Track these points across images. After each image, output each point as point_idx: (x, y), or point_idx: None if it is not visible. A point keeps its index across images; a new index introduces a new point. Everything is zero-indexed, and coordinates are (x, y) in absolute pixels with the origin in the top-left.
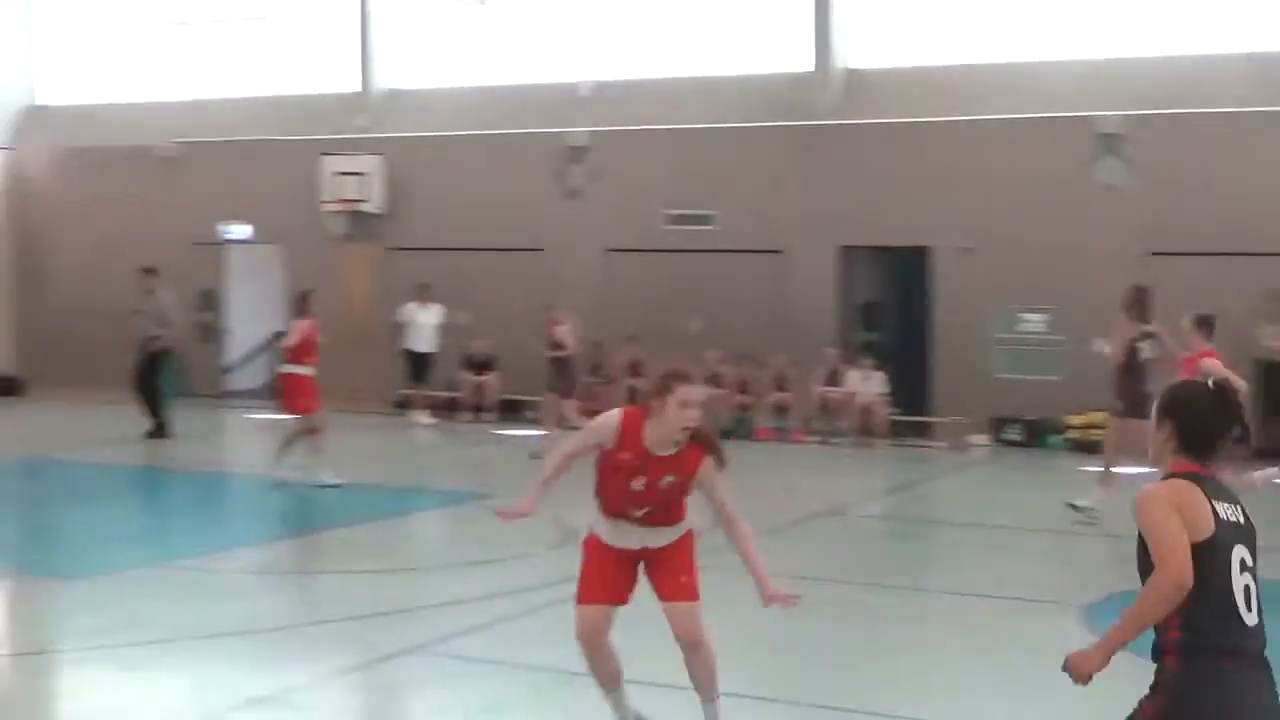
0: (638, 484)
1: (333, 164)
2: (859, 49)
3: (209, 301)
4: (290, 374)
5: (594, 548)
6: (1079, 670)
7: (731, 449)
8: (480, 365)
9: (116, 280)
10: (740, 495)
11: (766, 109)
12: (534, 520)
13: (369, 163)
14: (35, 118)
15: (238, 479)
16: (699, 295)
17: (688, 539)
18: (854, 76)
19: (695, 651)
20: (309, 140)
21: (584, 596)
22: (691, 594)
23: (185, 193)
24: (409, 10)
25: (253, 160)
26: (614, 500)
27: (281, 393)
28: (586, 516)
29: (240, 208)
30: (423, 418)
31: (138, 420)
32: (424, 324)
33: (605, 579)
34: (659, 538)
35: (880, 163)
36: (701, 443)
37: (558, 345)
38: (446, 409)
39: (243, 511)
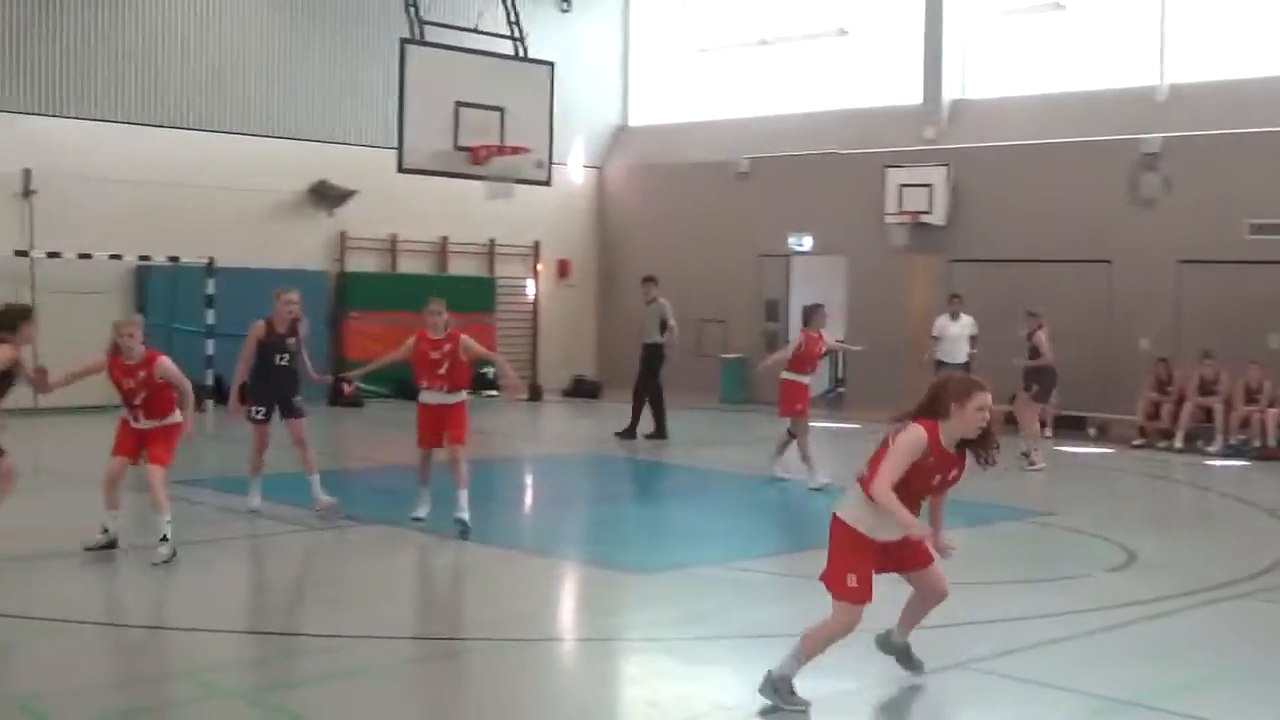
0: (936, 480)
1: (897, 176)
2: None
3: (773, 312)
4: (787, 380)
5: (856, 541)
6: None
7: None
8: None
9: (687, 289)
10: None
11: None
12: (1098, 541)
13: (934, 174)
14: (622, 138)
15: (793, 484)
16: None
17: None
18: None
19: (943, 599)
20: (872, 153)
21: (863, 596)
22: (933, 557)
23: (753, 206)
24: (981, 21)
25: (818, 173)
26: (915, 496)
27: (779, 398)
28: (1143, 541)
29: (804, 220)
30: None
31: (720, 425)
32: (954, 336)
33: (870, 577)
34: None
35: None
36: (990, 442)
37: (1035, 352)
38: (1004, 424)
39: (796, 516)
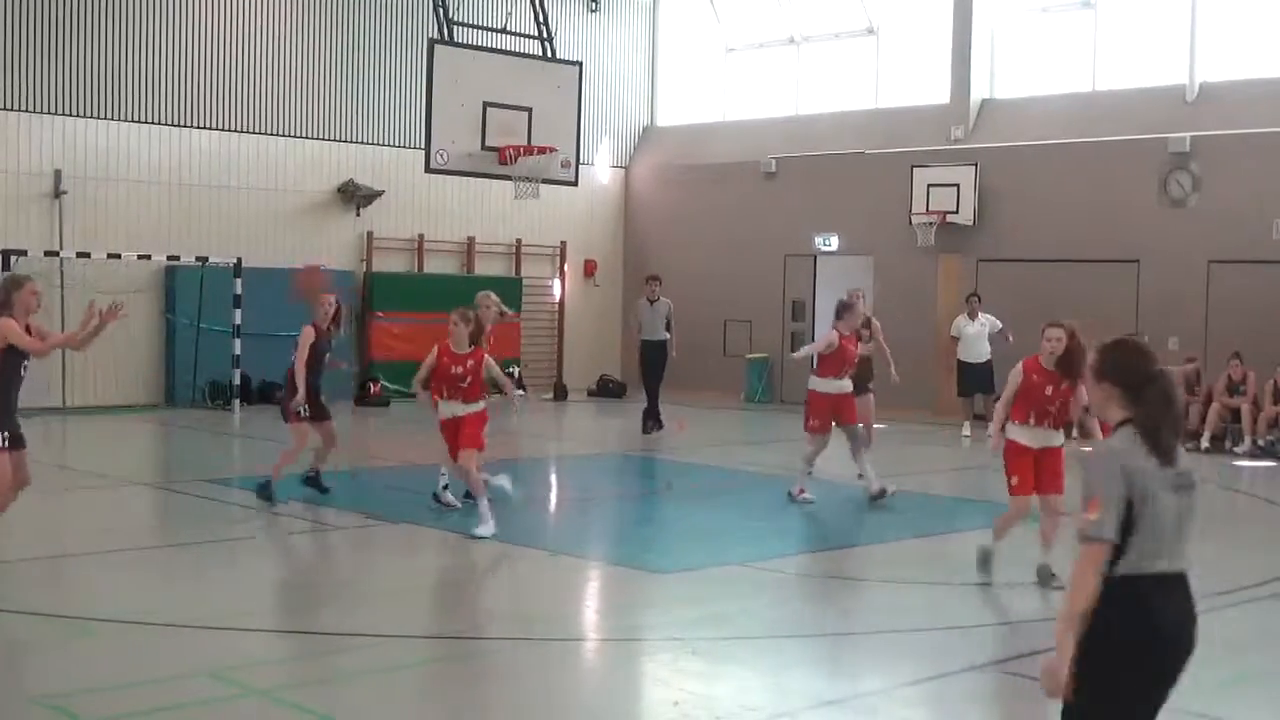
0: (1049, 391)
1: (925, 176)
2: None
3: (798, 312)
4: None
5: (1018, 451)
6: None
7: None
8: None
9: (712, 289)
10: None
11: None
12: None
13: (961, 174)
14: (649, 138)
15: (821, 485)
16: None
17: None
18: None
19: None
20: (900, 152)
21: (1022, 489)
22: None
23: (780, 206)
24: (1010, 20)
25: (845, 173)
26: (1039, 408)
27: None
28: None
29: (831, 220)
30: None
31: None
32: (972, 335)
33: (1030, 475)
34: (1056, 438)
35: None
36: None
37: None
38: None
39: (818, 516)
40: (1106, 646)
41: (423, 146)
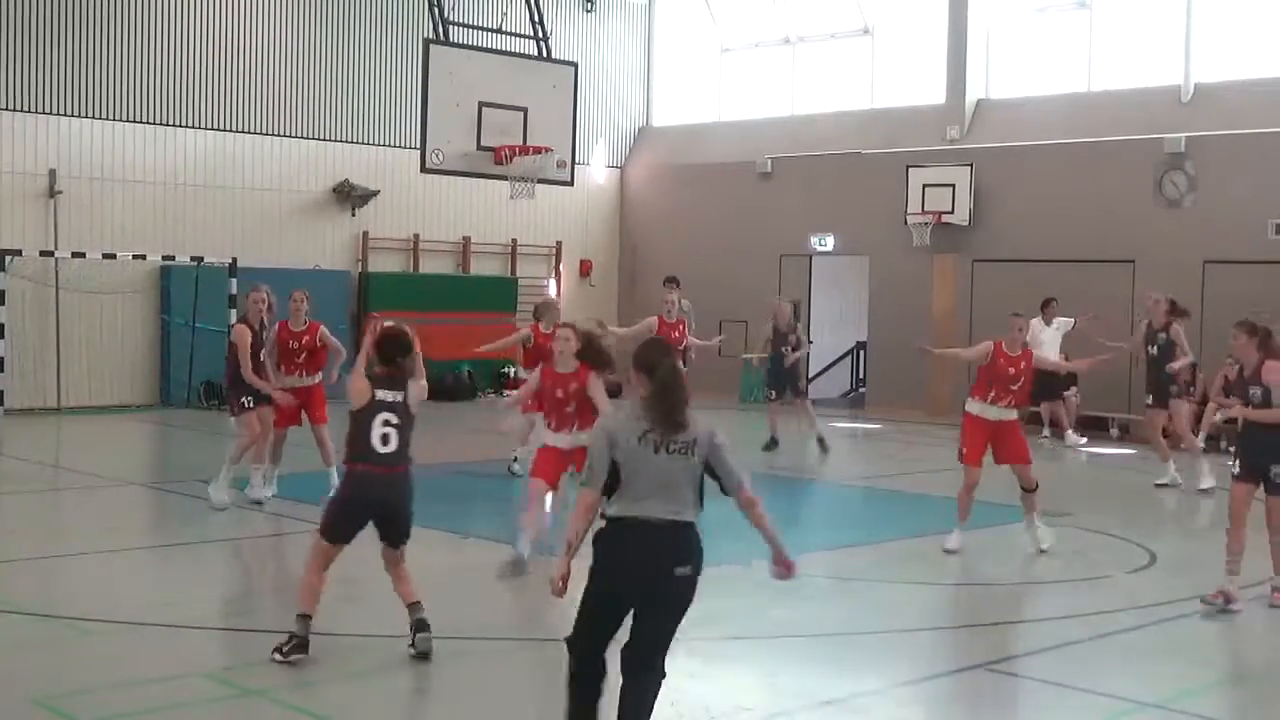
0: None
1: (920, 176)
2: None
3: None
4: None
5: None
6: None
7: None
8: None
9: (708, 289)
10: None
11: None
12: (1120, 542)
13: (957, 174)
14: (645, 138)
15: (812, 484)
16: None
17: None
18: None
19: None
20: (895, 153)
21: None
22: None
23: (776, 206)
24: (1005, 20)
25: (840, 173)
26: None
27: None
28: (1165, 542)
29: (827, 220)
30: None
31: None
32: (1045, 341)
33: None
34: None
35: None
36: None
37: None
38: (1029, 423)
39: (816, 516)
40: (594, 565)
41: (418, 146)
